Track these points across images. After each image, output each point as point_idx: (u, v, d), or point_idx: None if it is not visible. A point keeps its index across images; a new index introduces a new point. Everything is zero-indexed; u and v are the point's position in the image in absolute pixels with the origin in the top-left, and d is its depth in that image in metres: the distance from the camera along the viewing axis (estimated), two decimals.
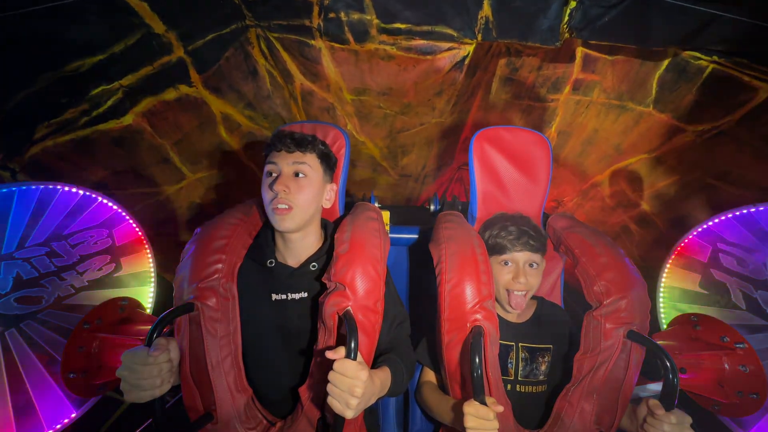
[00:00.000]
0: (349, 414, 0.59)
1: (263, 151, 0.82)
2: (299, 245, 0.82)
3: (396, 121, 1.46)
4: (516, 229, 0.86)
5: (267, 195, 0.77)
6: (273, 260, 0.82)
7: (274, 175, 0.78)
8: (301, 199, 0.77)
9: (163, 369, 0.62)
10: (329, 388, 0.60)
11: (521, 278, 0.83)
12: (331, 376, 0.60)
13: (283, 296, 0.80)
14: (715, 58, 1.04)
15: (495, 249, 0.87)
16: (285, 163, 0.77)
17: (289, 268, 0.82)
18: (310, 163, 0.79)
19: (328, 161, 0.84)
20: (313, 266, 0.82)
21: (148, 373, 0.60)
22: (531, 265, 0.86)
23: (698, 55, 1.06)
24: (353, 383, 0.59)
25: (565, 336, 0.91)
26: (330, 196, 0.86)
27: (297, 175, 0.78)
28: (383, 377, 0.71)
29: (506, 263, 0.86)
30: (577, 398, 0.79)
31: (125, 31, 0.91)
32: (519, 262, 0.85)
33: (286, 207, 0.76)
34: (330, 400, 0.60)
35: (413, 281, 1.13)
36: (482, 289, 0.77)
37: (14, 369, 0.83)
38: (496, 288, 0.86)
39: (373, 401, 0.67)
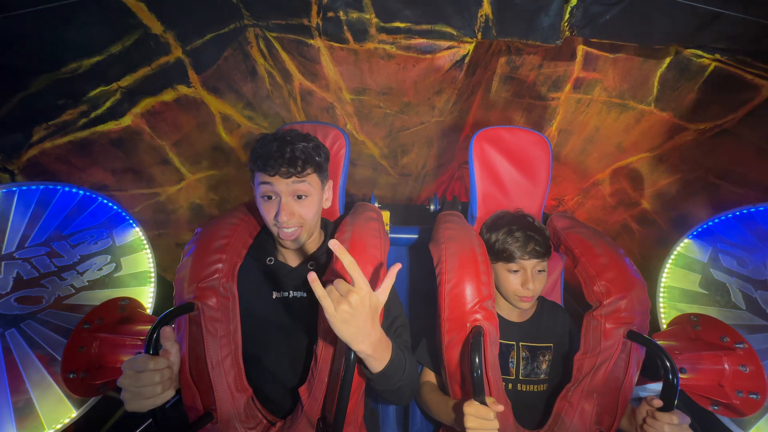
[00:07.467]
0: (333, 321, 0.54)
1: (249, 163, 0.76)
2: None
3: (396, 120, 1.45)
4: (522, 234, 0.84)
5: (268, 217, 0.74)
6: (272, 258, 0.82)
7: (274, 198, 0.74)
8: (307, 218, 0.76)
9: (164, 375, 0.61)
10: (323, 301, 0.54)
11: (530, 285, 0.82)
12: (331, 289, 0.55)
13: (285, 294, 0.80)
14: (718, 56, 1.03)
15: (502, 256, 0.85)
16: (283, 186, 0.72)
17: (288, 267, 0.82)
18: (309, 180, 0.75)
19: (324, 163, 0.79)
20: (311, 265, 0.82)
21: (149, 380, 0.59)
22: (539, 271, 0.85)
23: (700, 53, 1.05)
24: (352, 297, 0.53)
25: (564, 335, 0.91)
26: (329, 195, 0.84)
27: (299, 197, 0.75)
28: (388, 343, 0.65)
29: (515, 271, 0.85)
30: (577, 398, 0.79)
31: (122, 32, 0.91)
32: (528, 270, 0.84)
33: (295, 229, 0.75)
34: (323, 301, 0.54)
35: (413, 281, 1.13)
36: (482, 289, 0.77)
37: (14, 369, 0.83)
38: (504, 293, 0.86)
39: (370, 351, 0.59)
